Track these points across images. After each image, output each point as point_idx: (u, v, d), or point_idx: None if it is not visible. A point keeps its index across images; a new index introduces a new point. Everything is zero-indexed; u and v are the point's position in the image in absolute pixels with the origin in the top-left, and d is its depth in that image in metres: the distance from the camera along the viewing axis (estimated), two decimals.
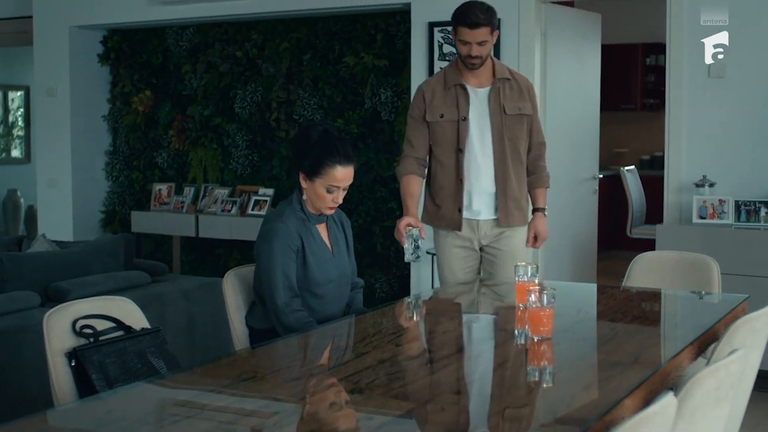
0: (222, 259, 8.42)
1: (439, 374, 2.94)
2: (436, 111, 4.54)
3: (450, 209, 4.56)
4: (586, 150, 7.55)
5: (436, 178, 4.60)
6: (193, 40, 8.42)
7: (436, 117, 4.54)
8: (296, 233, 3.71)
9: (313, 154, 3.72)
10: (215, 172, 8.43)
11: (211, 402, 2.60)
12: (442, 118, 4.53)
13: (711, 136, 6.04)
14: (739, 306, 3.76)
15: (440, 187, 4.58)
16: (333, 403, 2.65)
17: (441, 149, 4.56)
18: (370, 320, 3.76)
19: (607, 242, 9.63)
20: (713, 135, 6.03)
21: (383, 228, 7.48)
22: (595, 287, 4.98)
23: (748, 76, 5.95)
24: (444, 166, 4.56)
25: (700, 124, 6.04)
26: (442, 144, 4.56)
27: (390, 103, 7.55)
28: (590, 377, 2.92)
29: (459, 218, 4.55)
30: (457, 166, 4.54)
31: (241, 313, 3.91)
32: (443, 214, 4.58)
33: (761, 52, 5.90)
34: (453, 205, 4.55)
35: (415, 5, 6.99)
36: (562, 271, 7.02)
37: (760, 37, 5.89)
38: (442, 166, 4.57)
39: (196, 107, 8.45)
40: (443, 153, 4.56)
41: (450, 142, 4.54)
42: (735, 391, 2.65)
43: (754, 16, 5.91)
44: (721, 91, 6.02)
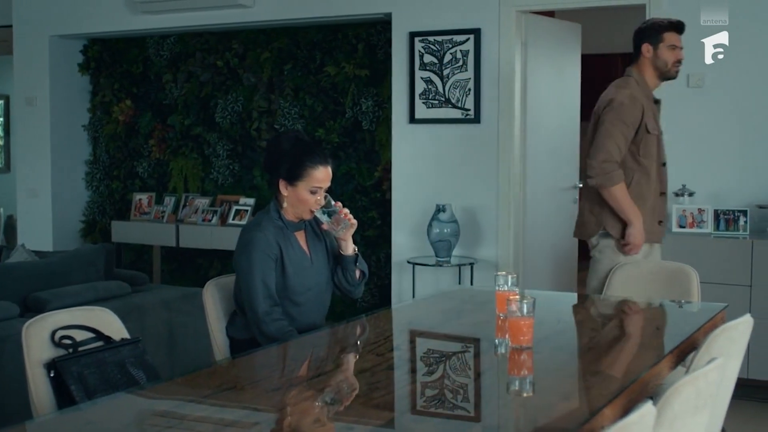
0: (203, 268, 8.39)
1: (420, 384, 2.94)
2: (650, 123, 4.62)
3: (648, 221, 4.61)
4: (567, 159, 7.58)
5: (639, 189, 4.62)
6: (173, 50, 8.41)
7: (652, 129, 4.62)
8: (275, 242, 3.72)
9: (291, 159, 3.73)
10: (196, 182, 8.41)
11: (191, 412, 2.59)
12: (654, 131, 4.64)
13: (690, 145, 6.08)
14: (718, 315, 3.77)
15: (642, 199, 4.61)
16: (312, 413, 2.65)
17: (649, 161, 4.62)
18: (350, 330, 3.75)
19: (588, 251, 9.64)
20: (692, 145, 6.06)
21: (364, 237, 7.48)
22: (575, 296, 5.00)
23: (726, 87, 5.99)
24: (650, 179, 4.63)
25: (679, 134, 6.07)
26: (650, 156, 4.61)
27: (371, 112, 7.56)
28: (570, 386, 2.92)
29: (660, 230, 4.70)
30: (661, 180, 4.68)
31: (221, 323, 3.90)
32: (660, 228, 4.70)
33: (740, 63, 5.94)
34: (652, 218, 4.64)
35: (396, 15, 7.00)
36: (543, 281, 7.03)
37: (739, 48, 5.93)
38: (648, 178, 4.62)
39: (176, 117, 8.44)
40: (653, 167, 4.63)
41: (655, 155, 4.63)
42: (714, 400, 2.66)
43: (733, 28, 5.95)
44: (700, 101, 6.06)
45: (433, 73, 6.84)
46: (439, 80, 6.82)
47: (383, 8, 7.06)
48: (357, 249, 3.97)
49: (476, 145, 6.75)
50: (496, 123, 6.68)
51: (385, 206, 7.48)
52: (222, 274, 4.17)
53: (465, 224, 6.75)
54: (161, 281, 8.37)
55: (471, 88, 6.72)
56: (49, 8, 8.47)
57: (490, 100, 6.69)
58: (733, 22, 5.93)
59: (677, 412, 2.35)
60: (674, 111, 6.09)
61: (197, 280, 7.92)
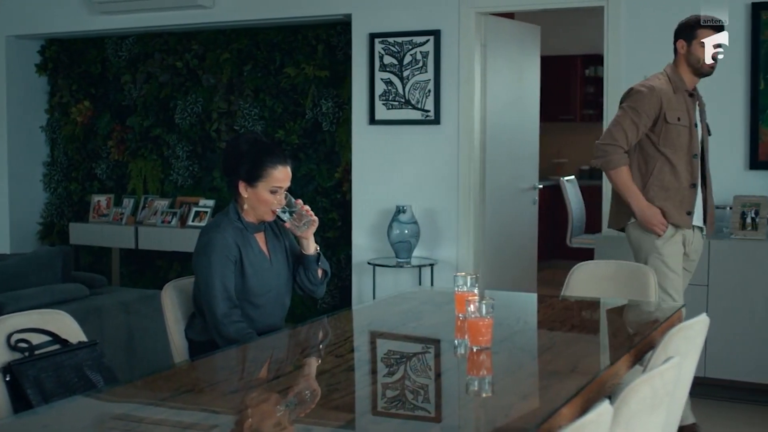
0: (162, 270, 8.35)
1: (381, 385, 2.94)
2: (673, 113, 4.65)
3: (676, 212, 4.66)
4: (526, 160, 7.62)
5: (661, 178, 4.67)
6: (132, 50, 8.36)
7: (674, 119, 4.64)
8: (234, 244, 3.71)
9: (250, 160, 3.73)
10: (155, 184, 8.36)
11: (150, 415, 2.58)
12: (679, 122, 4.65)
13: None
14: (674, 314, 3.81)
15: (664, 189, 4.66)
16: (272, 415, 2.64)
17: (672, 151, 4.65)
18: (310, 331, 3.75)
19: (548, 252, 9.72)
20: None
21: (324, 238, 7.47)
22: (535, 297, 5.02)
23: None
24: (676, 169, 4.66)
25: None
26: (672, 146, 4.65)
27: (331, 113, 7.56)
28: (529, 386, 2.94)
29: (688, 220, 4.69)
30: (692, 171, 4.69)
31: (180, 325, 3.88)
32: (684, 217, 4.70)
33: None
34: (680, 208, 4.66)
35: (355, 17, 7.00)
36: (503, 281, 7.06)
37: None
38: (673, 168, 4.66)
39: (135, 118, 8.38)
40: (679, 158, 4.66)
41: (682, 146, 4.66)
42: (670, 398, 2.68)
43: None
44: None
45: (392, 74, 6.85)
46: (399, 81, 6.83)
47: (343, 9, 7.06)
48: (318, 248, 3.97)
49: (436, 146, 6.77)
50: (456, 124, 6.71)
51: (345, 207, 7.48)
52: (182, 276, 4.15)
53: (425, 225, 6.77)
54: (120, 283, 8.31)
55: (431, 90, 6.73)
56: (6, 8, 8.38)
57: (450, 102, 6.71)
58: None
59: (634, 410, 2.37)
60: None
61: (157, 282, 7.87)
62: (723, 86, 5.71)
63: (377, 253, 6.96)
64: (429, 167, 6.81)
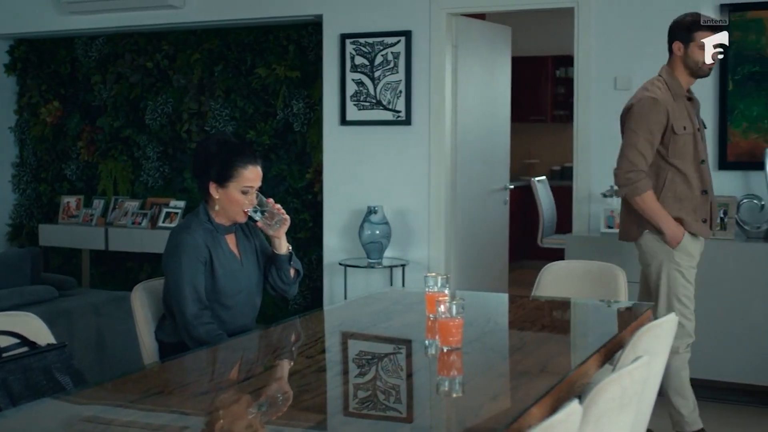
0: (133, 272, 8.31)
1: (351, 385, 2.94)
2: (679, 123, 4.56)
3: (691, 221, 4.58)
4: (497, 161, 7.65)
5: (674, 189, 4.59)
6: (102, 51, 8.31)
7: (681, 129, 4.55)
8: (204, 245, 3.70)
9: (220, 161, 3.72)
10: (125, 185, 8.32)
11: (119, 417, 2.57)
12: (686, 130, 4.57)
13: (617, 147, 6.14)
14: (644, 314, 3.83)
15: (678, 200, 4.58)
16: (242, 416, 2.63)
17: (682, 161, 4.57)
18: (281, 332, 3.74)
19: (519, 252, 9.75)
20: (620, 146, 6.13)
21: (296, 239, 7.46)
22: (506, 297, 5.03)
23: None
24: (687, 178, 4.58)
25: (607, 136, 6.14)
26: (682, 156, 4.56)
27: (302, 114, 7.55)
28: (498, 387, 2.94)
29: (705, 228, 4.63)
30: (702, 178, 4.62)
31: (150, 326, 3.87)
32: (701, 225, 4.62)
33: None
34: (695, 217, 4.59)
35: (326, 17, 7.00)
36: (474, 281, 7.08)
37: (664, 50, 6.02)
38: (684, 177, 4.58)
39: (105, 118, 8.34)
40: (687, 166, 4.58)
41: (689, 154, 4.57)
42: (639, 398, 2.70)
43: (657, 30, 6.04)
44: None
45: (364, 74, 6.85)
46: (370, 82, 6.83)
47: (314, 10, 7.06)
48: (291, 247, 3.97)
49: (407, 147, 6.78)
50: (427, 125, 6.71)
51: (316, 208, 7.47)
52: (152, 277, 4.13)
53: (396, 226, 6.77)
54: (90, 285, 8.26)
55: (402, 90, 6.74)
56: None
57: (421, 102, 6.72)
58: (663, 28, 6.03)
59: (603, 410, 2.38)
60: (602, 113, 6.18)
61: (127, 284, 7.82)
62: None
63: (348, 253, 6.96)
64: (400, 168, 6.82)
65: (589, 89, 6.24)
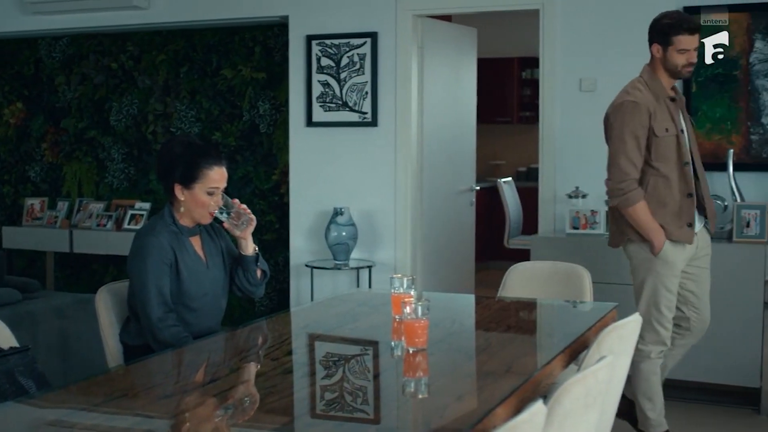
0: (98, 274, 8.25)
1: (318, 387, 2.94)
2: (661, 125, 4.48)
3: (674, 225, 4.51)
4: (464, 162, 7.66)
5: (657, 193, 4.52)
6: (66, 51, 8.25)
7: (663, 131, 4.48)
8: (169, 247, 3.68)
9: (185, 162, 3.70)
10: (90, 186, 8.26)
11: (83, 421, 2.55)
12: (668, 132, 4.49)
13: (583, 148, 6.19)
14: (608, 314, 3.85)
15: (662, 204, 4.51)
16: (208, 419, 2.62)
17: (665, 164, 4.50)
18: (248, 334, 3.73)
19: (486, 253, 9.78)
20: (585, 147, 6.17)
21: (262, 241, 7.44)
22: (472, 298, 5.05)
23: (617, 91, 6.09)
24: (670, 181, 4.50)
25: (572, 137, 6.19)
26: (665, 158, 4.49)
27: (268, 115, 7.53)
28: (464, 387, 2.95)
29: (689, 233, 4.53)
30: (686, 180, 4.52)
31: (114, 329, 3.85)
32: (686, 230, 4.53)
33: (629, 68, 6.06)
34: (679, 221, 4.51)
35: (293, 18, 6.99)
36: (441, 282, 7.09)
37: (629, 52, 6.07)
38: (667, 181, 4.50)
39: (70, 120, 8.28)
40: (670, 168, 4.50)
41: (672, 156, 4.49)
42: (604, 397, 2.71)
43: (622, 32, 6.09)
44: (593, 104, 6.16)
45: (330, 76, 6.84)
46: (336, 83, 6.83)
47: (280, 11, 7.04)
48: (257, 248, 3.96)
49: (374, 148, 6.78)
50: (393, 126, 6.72)
51: (282, 209, 7.45)
52: (118, 280, 4.10)
53: (363, 227, 6.77)
54: (54, 288, 8.19)
55: (368, 92, 6.74)
56: None
57: (388, 104, 6.73)
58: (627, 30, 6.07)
59: (568, 410, 2.39)
60: (568, 114, 6.21)
61: (92, 286, 7.73)
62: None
63: (315, 255, 6.95)
64: (366, 169, 6.82)
65: (554, 91, 6.27)
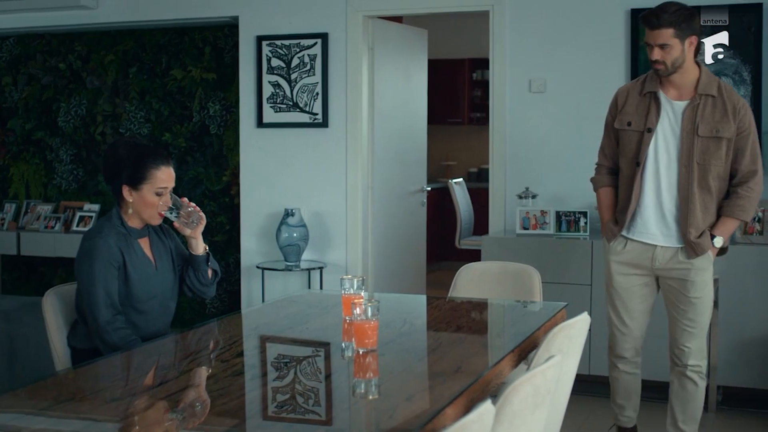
0: (46, 277, 8.16)
1: (270, 388, 2.93)
2: (624, 118, 4.38)
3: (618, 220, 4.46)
4: (415, 163, 7.68)
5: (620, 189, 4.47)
6: (13, 51, 8.15)
7: (623, 124, 4.38)
8: (117, 249, 3.65)
9: (132, 164, 3.68)
10: (38, 188, 8.17)
11: (29, 425, 2.52)
12: (629, 127, 4.36)
13: (532, 149, 6.24)
14: (558, 313, 3.88)
15: (620, 199, 4.46)
16: (157, 422, 2.61)
17: (624, 160, 4.41)
18: (198, 336, 3.71)
19: (437, 254, 9.81)
20: (535, 148, 6.23)
21: (213, 242, 7.40)
22: (423, 298, 5.06)
23: (566, 92, 6.18)
24: (625, 178, 4.43)
25: (522, 138, 6.23)
26: (625, 154, 4.40)
27: (218, 116, 7.50)
28: (413, 388, 2.95)
29: (615, 231, 4.44)
30: (632, 180, 4.36)
31: (62, 332, 3.81)
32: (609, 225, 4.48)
33: (578, 69, 6.14)
34: (621, 217, 4.43)
35: (243, 19, 6.96)
36: (392, 283, 7.10)
37: (577, 55, 6.13)
38: (624, 177, 4.44)
39: (17, 120, 8.18)
40: (625, 164, 4.41)
41: (631, 154, 4.36)
42: (553, 396, 2.73)
43: (571, 34, 6.14)
44: (542, 105, 6.23)
45: (280, 77, 6.83)
46: (287, 84, 6.81)
47: (230, 11, 7.01)
48: (207, 248, 3.94)
49: (324, 150, 6.78)
50: (344, 127, 6.72)
51: (233, 211, 7.42)
52: (67, 282, 4.06)
53: (314, 228, 6.76)
54: (1, 291, 8.10)
55: (319, 93, 6.73)
56: None
57: (338, 105, 6.73)
58: (576, 32, 6.12)
59: (516, 409, 2.41)
60: (518, 115, 6.25)
61: (40, 289, 7.67)
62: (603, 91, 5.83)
63: (266, 256, 6.93)
64: (317, 170, 6.81)
65: (504, 92, 6.30)
